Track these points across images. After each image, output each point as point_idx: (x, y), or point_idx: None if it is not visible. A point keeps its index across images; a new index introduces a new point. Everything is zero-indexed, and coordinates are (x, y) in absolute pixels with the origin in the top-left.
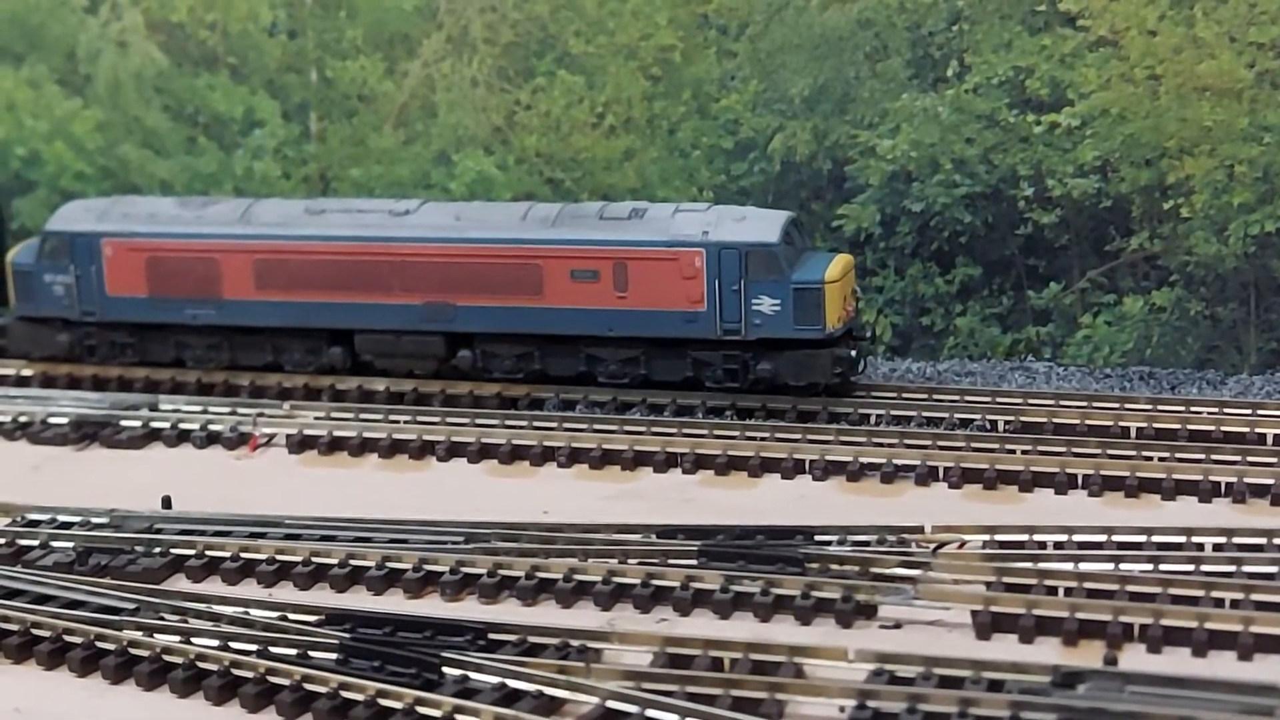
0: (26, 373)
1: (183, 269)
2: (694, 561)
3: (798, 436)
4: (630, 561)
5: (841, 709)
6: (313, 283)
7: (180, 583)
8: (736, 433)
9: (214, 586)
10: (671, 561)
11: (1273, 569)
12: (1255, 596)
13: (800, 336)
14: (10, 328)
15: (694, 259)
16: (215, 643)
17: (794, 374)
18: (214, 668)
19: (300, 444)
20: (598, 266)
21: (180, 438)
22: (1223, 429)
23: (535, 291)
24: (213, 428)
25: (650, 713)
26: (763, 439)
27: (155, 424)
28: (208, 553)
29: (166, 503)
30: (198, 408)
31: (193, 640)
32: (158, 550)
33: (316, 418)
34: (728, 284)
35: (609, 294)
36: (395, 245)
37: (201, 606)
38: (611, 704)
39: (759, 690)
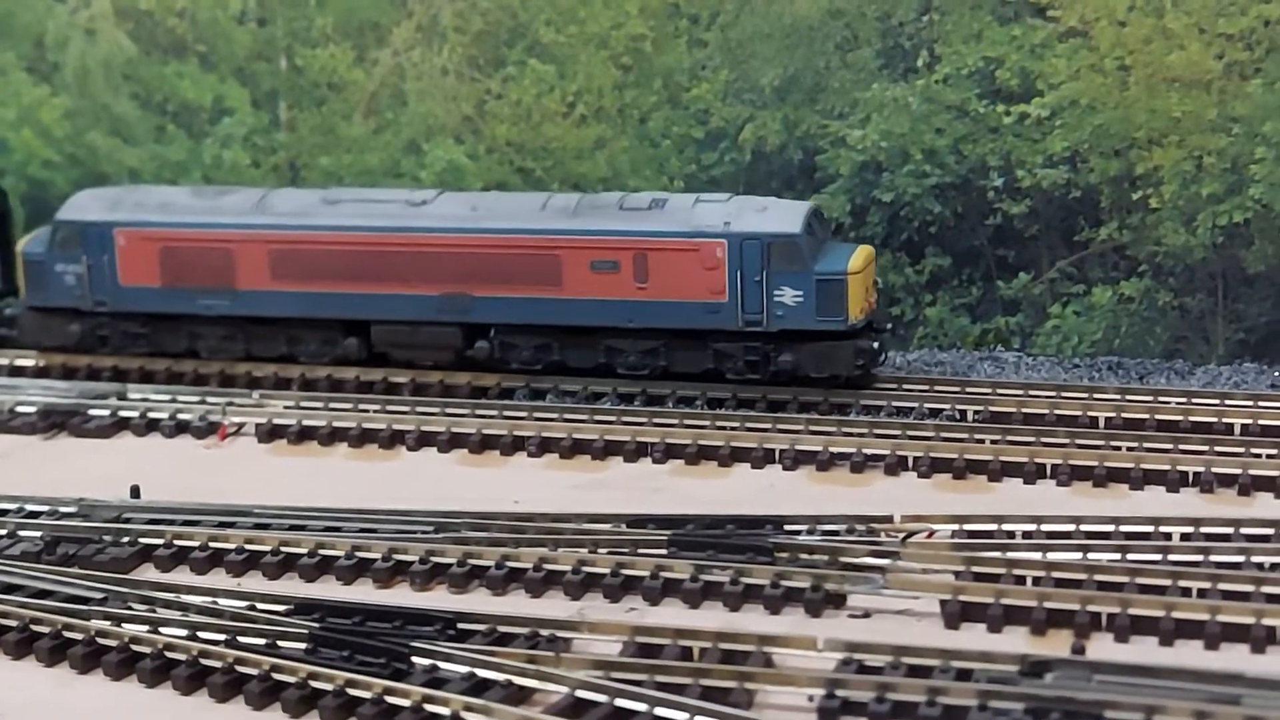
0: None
1: (197, 259)
2: (664, 551)
3: (768, 426)
4: (600, 551)
5: (810, 698)
6: (329, 273)
7: (148, 572)
8: (706, 422)
9: (182, 576)
10: (641, 551)
11: (1239, 558)
12: (1222, 586)
13: (823, 328)
14: (21, 318)
15: (716, 249)
16: (183, 632)
17: (816, 366)
18: (182, 657)
19: (269, 433)
20: (618, 257)
21: (149, 427)
22: (1190, 419)
23: (554, 282)
24: (181, 417)
25: (619, 702)
26: (733, 429)
27: (124, 413)
28: (176, 542)
29: (135, 492)
30: (166, 397)
31: (161, 630)
32: (126, 540)
33: (286, 407)
34: (750, 275)
35: (629, 285)
36: (413, 236)
37: (170, 596)
38: (581, 693)
39: (728, 679)
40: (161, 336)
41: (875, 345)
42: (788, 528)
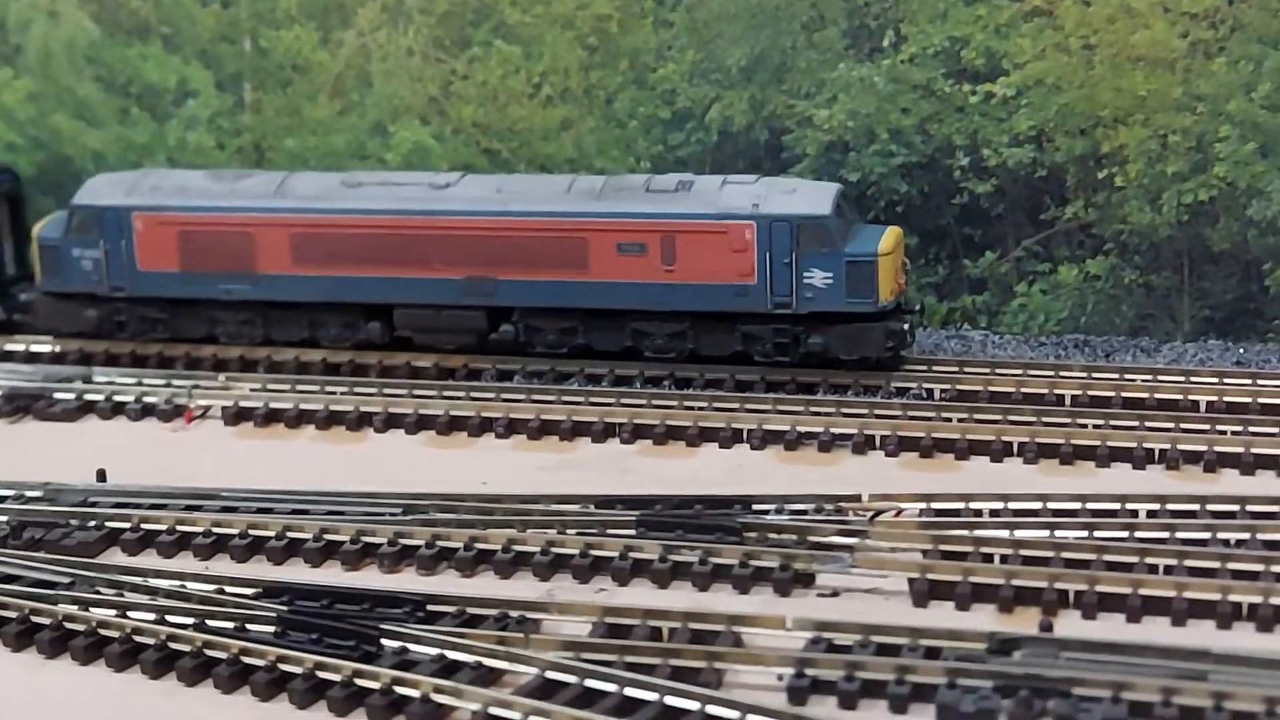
0: None
1: (216, 243)
2: (632, 531)
3: (735, 406)
4: (569, 532)
5: (780, 677)
6: (351, 257)
7: (116, 556)
8: (674, 402)
9: (150, 560)
10: (610, 532)
11: (1205, 535)
12: (1188, 562)
13: (853, 310)
14: (37, 303)
15: (744, 231)
16: (152, 616)
17: (846, 348)
18: (151, 641)
19: (236, 416)
20: (645, 239)
21: (115, 410)
22: (1156, 396)
23: (580, 265)
24: (148, 400)
25: (589, 683)
26: (700, 408)
27: (89, 396)
28: (143, 526)
29: (101, 476)
30: (132, 380)
31: (129, 614)
32: (93, 524)
33: (252, 389)
34: (779, 257)
35: (656, 267)
36: (436, 219)
37: (138, 580)
38: (550, 674)
39: (698, 659)
40: (180, 322)
41: (905, 327)
42: (756, 507)
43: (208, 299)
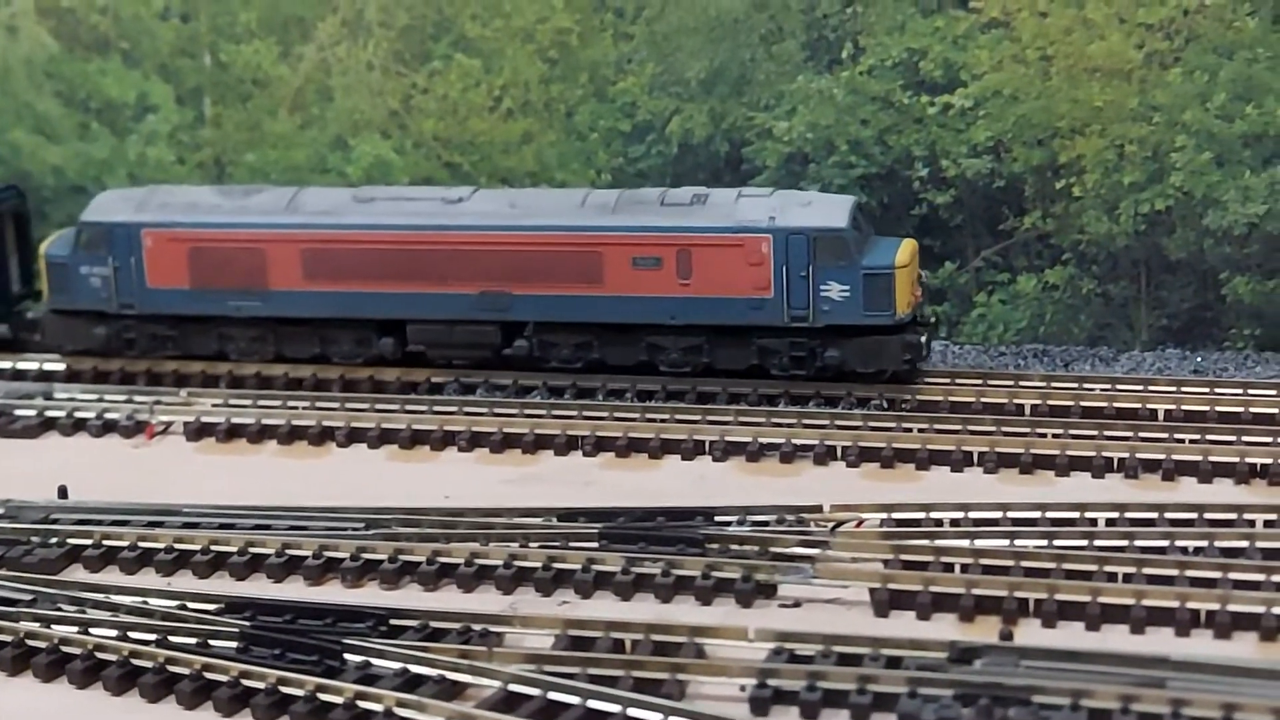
0: None
1: (227, 259)
2: (595, 544)
3: (697, 418)
4: (531, 545)
5: (742, 688)
6: (364, 273)
7: (78, 573)
8: (636, 415)
9: (112, 576)
10: (573, 544)
11: (1164, 543)
12: (1147, 570)
13: (870, 323)
14: (45, 321)
15: (761, 245)
16: (114, 633)
17: (863, 361)
18: (113, 658)
19: (198, 431)
20: (660, 253)
21: (76, 426)
22: (1115, 405)
23: (595, 279)
24: (109, 416)
25: (552, 695)
26: (663, 420)
27: (50, 413)
28: (105, 542)
29: (63, 492)
30: (93, 396)
31: (91, 631)
32: (54, 540)
33: (214, 405)
34: (795, 270)
35: (672, 281)
36: (450, 234)
37: (99, 596)
38: (514, 687)
39: (660, 671)
40: (190, 339)
41: (922, 339)
42: (718, 519)
43: (218, 316)
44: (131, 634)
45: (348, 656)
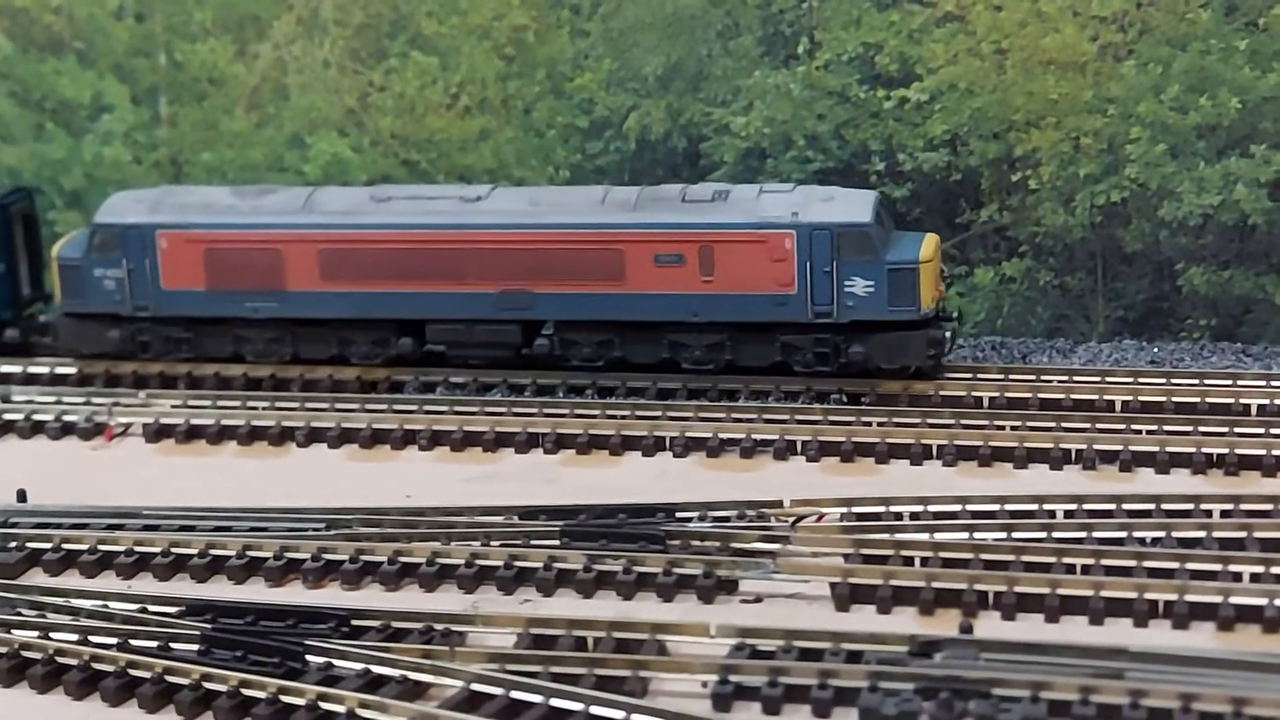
0: None
1: (243, 261)
2: (556, 542)
3: (658, 414)
4: (493, 544)
5: (704, 684)
6: (382, 272)
7: (37, 577)
8: (597, 412)
9: (72, 580)
10: (534, 543)
11: (1121, 534)
12: (1105, 561)
13: (895, 318)
14: (57, 324)
15: (784, 240)
16: (74, 637)
17: (887, 357)
18: (74, 662)
19: (157, 433)
20: (682, 250)
21: (34, 429)
22: (1072, 397)
23: (617, 277)
24: (67, 418)
25: (515, 694)
26: (623, 417)
27: (8, 415)
28: (65, 546)
29: (21, 496)
30: (52, 398)
31: (51, 635)
32: (13, 544)
33: (173, 406)
34: (819, 266)
35: (694, 278)
36: (470, 232)
37: (59, 600)
38: (476, 686)
39: (623, 668)
40: (206, 341)
41: (946, 334)
42: (679, 515)
43: (234, 317)
44: (92, 638)
45: (310, 658)
